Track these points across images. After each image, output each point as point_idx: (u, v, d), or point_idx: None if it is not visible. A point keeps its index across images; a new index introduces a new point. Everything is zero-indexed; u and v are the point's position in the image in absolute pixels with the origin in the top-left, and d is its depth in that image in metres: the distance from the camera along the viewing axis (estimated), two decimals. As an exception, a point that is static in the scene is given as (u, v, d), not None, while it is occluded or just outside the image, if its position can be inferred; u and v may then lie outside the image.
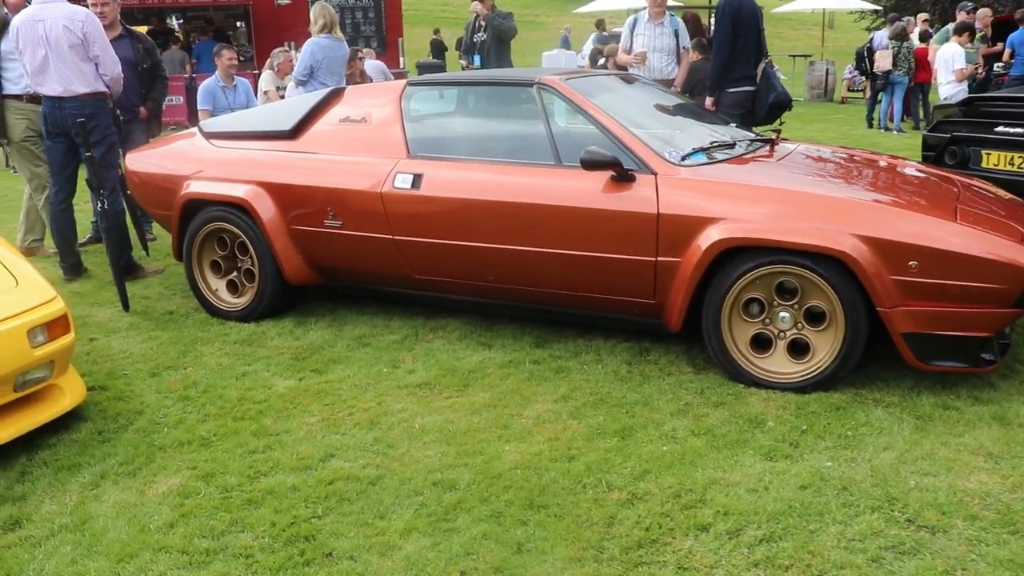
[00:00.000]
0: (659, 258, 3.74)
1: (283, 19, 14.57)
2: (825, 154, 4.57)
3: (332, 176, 4.33)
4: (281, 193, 4.44)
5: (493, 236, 3.98)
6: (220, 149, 4.77)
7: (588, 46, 16.99)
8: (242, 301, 4.71)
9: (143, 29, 13.94)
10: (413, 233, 4.14)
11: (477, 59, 8.51)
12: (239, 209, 4.55)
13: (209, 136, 4.87)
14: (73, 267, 5.65)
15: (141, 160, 5.13)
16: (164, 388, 3.84)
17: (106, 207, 4.88)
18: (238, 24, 15.80)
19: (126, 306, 4.91)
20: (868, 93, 13.96)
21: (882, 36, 13.21)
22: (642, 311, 3.94)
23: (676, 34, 7.29)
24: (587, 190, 3.83)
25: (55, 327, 3.31)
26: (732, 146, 4.27)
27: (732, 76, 6.49)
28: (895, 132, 12.82)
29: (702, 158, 3.97)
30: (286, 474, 3.06)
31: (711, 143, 4.19)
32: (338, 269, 4.52)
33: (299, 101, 4.73)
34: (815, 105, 17.85)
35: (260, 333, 4.50)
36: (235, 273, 4.78)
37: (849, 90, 18.47)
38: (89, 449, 3.29)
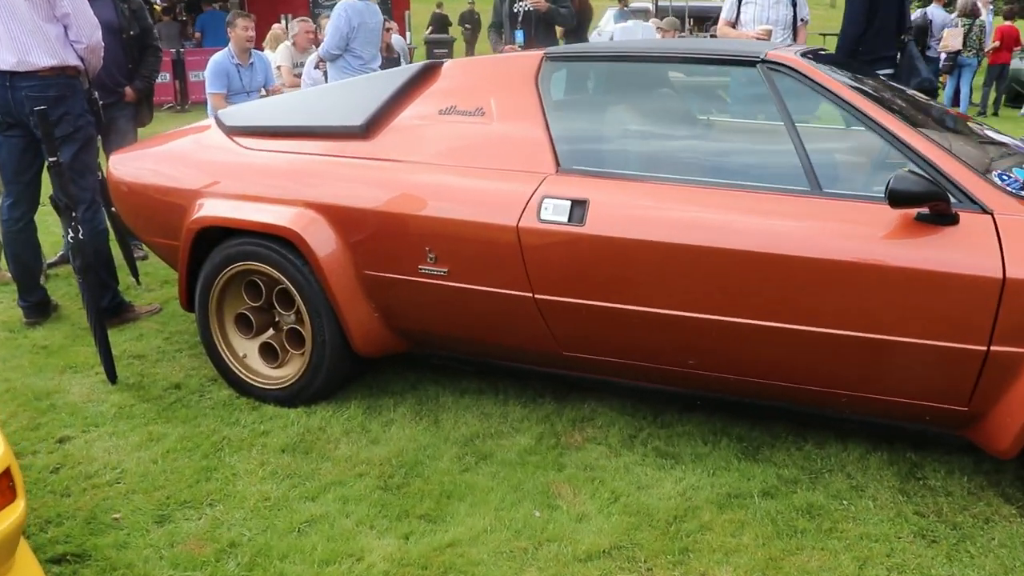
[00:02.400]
0: (993, 347, 2.24)
1: (279, -12, 12.80)
2: None
3: (432, 198, 2.77)
4: (349, 221, 2.88)
5: (708, 303, 2.45)
6: (250, 152, 3.17)
7: (608, 26, 15.30)
8: (285, 374, 3.15)
9: None
10: (569, 291, 2.60)
11: (520, 35, 6.84)
12: (282, 243, 2.97)
13: (232, 132, 3.27)
14: (37, 306, 4.03)
15: (131, 164, 3.51)
16: (183, 555, 2.27)
17: (82, 236, 3.26)
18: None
19: (112, 376, 3.33)
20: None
21: (934, 14, 11.74)
22: (940, 419, 2.45)
23: (793, 3, 5.77)
24: (870, 236, 2.31)
25: (-9, 498, 1.75)
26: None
27: (868, 57, 5.02)
28: (957, 119, 11.39)
29: (1036, 180, 2.48)
30: None
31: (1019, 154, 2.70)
32: (437, 335, 2.97)
33: (373, 82, 3.13)
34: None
35: (318, 430, 2.95)
36: (271, 331, 3.22)
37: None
38: None
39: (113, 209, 3.76)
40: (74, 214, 3.26)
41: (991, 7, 12.04)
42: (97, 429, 2.99)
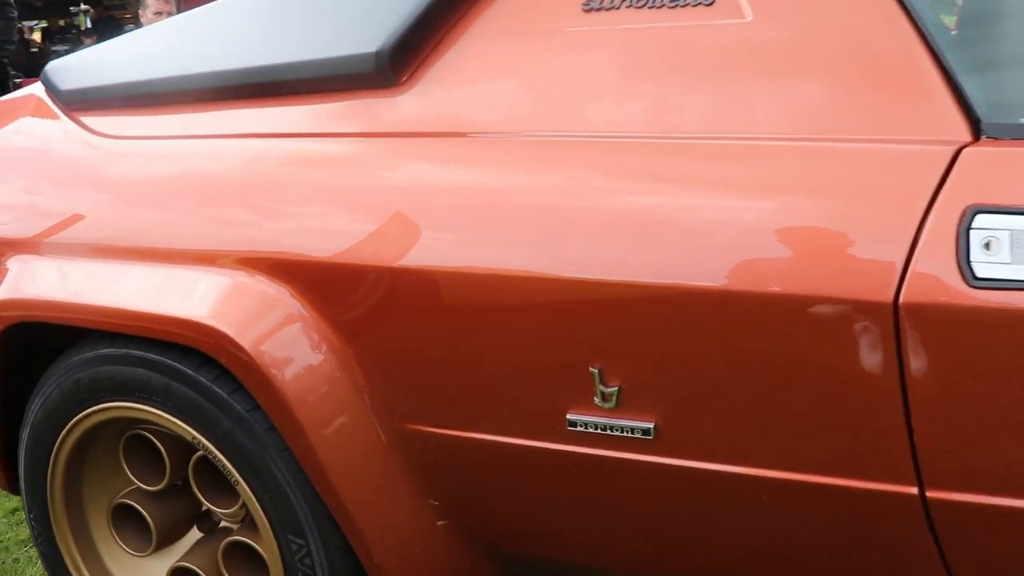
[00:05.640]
0: None
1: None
2: None
3: (607, 235, 0.95)
4: (362, 301, 1.09)
5: None
6: (119, 143, 1.35)
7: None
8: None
9: None
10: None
11: None
12: (197, 359, 1.17)
13: (75, 103, 1.43)
14: None
15: None
16: None
17: None
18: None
19: None
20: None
21: None
22: None
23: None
24: None
25: None
26: None
27: None
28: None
29: None
30: None
31: None
32: (602, 565, 1.18)
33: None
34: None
35: None
36: (194, 534, 1.41)
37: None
38: None
39: None
40: None
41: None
42: None
